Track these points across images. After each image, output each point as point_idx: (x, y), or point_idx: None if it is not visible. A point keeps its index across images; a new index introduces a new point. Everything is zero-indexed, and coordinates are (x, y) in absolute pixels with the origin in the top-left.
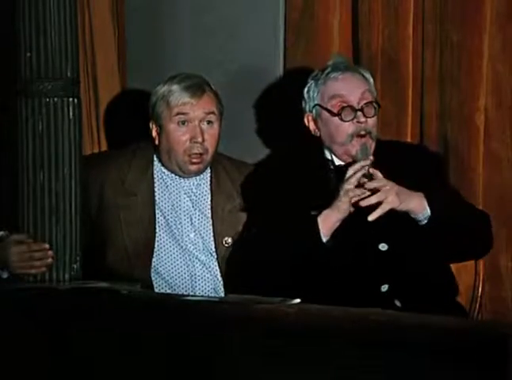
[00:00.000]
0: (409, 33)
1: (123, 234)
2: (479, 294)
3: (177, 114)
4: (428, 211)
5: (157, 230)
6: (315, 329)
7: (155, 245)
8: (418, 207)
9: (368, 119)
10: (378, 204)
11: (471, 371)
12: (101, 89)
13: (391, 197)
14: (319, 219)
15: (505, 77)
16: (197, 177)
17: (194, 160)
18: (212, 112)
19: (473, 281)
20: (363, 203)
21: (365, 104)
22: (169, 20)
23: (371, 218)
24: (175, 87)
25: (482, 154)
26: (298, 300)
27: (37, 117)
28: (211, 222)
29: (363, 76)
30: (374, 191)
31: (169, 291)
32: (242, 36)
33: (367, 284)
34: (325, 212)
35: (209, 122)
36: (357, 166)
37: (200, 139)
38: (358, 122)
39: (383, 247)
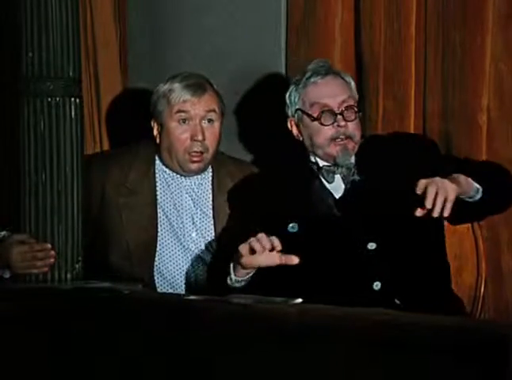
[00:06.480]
0: (411, 33)
1: (125, 234)
2: (481, 294)
3: (178, 112)
4: (476, 185)
5: (159, 230)
6: (316, 329)
7: (157, 245)
8: (468, 185)
9: (349, 123)
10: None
11: (472, 371)
12: (102, 88)
13: (448, 187)
14: (231, 266)
15: (507, 76)
16: (199, 176)
17: (194, 158)
18: (213, 111)
19: (475, 281)
20: (428, 204)
21: (345, 107)
22: (170, 20)
23: (446, 213)
24: (176, 85)
25: (484, 154)
26: (299, 300)
27: (39, 117)
28: (212, 222)
29: (343, 80)
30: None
31: (171, 291)
32: (243, 36)
33: (358, 283)
34: (232, 264)
35: (210, 120)
36: (255, 242)
37: (200, 138)
38: (338, 126)
39: (371, 246)
